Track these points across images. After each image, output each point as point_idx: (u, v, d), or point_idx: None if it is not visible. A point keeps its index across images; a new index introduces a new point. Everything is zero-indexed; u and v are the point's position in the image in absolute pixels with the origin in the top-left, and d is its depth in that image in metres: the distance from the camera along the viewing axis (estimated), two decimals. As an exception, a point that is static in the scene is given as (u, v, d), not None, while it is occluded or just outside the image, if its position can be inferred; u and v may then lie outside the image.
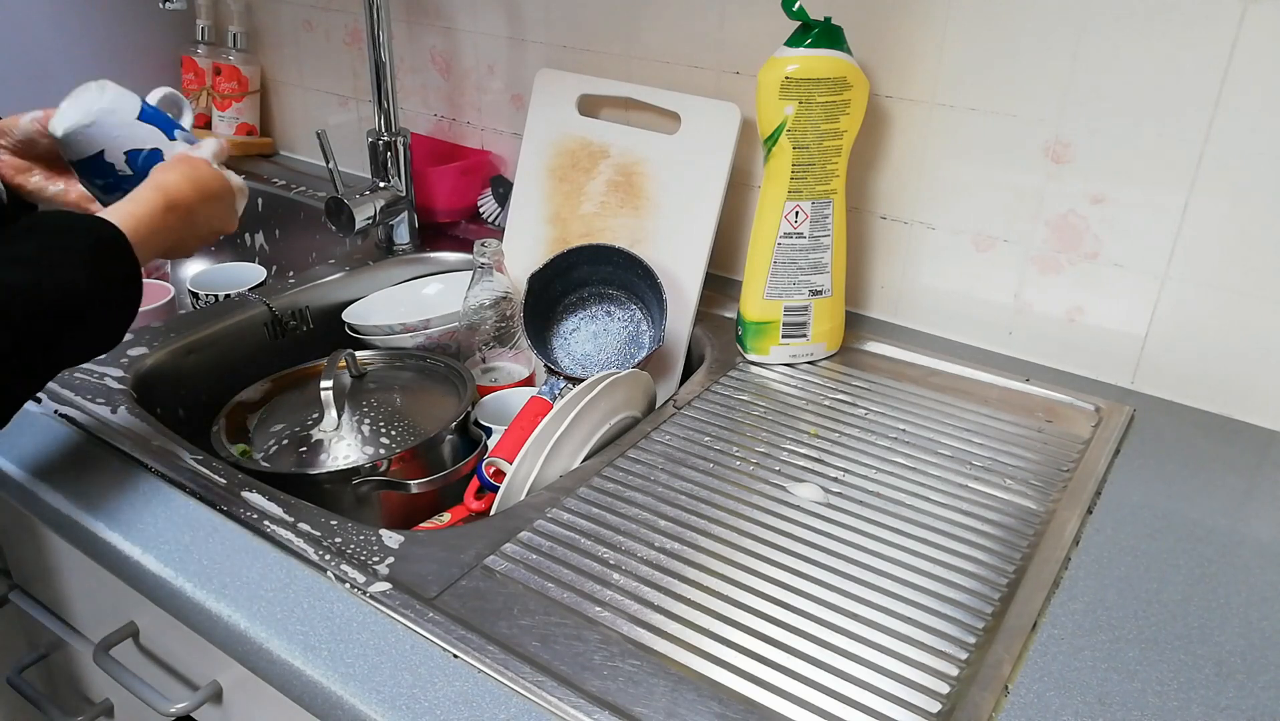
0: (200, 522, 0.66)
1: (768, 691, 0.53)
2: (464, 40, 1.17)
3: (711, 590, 0.61)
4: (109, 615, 0.77)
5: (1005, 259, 0.88)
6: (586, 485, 0.71)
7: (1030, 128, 0.82)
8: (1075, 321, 0.86)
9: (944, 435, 0.78)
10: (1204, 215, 0.78)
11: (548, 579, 0.61)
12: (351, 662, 0.55)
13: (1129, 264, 0.82)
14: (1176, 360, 0.83)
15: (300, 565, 0.62)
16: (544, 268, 0.92)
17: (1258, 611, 0.60)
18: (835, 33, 0.80)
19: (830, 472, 0.73)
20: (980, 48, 0.82)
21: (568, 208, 1.00)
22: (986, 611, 0.60)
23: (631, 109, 1.03)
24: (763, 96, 0.81)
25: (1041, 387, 0.85)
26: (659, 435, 0.77)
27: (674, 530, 0.66)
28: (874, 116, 0.89)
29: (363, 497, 0.78)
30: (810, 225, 0.84)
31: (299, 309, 1.02)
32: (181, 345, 0.91)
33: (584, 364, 0.93)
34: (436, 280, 1.09)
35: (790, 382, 0.86)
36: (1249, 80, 0.72)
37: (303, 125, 1.42)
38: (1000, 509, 0.70)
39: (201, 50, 1.39)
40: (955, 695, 0.54)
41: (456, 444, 0.84)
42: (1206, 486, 0.73)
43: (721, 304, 0.98)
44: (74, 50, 1.31)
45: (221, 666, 0.67)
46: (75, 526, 0.67)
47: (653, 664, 0.55)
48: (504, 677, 0.53)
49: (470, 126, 1.22)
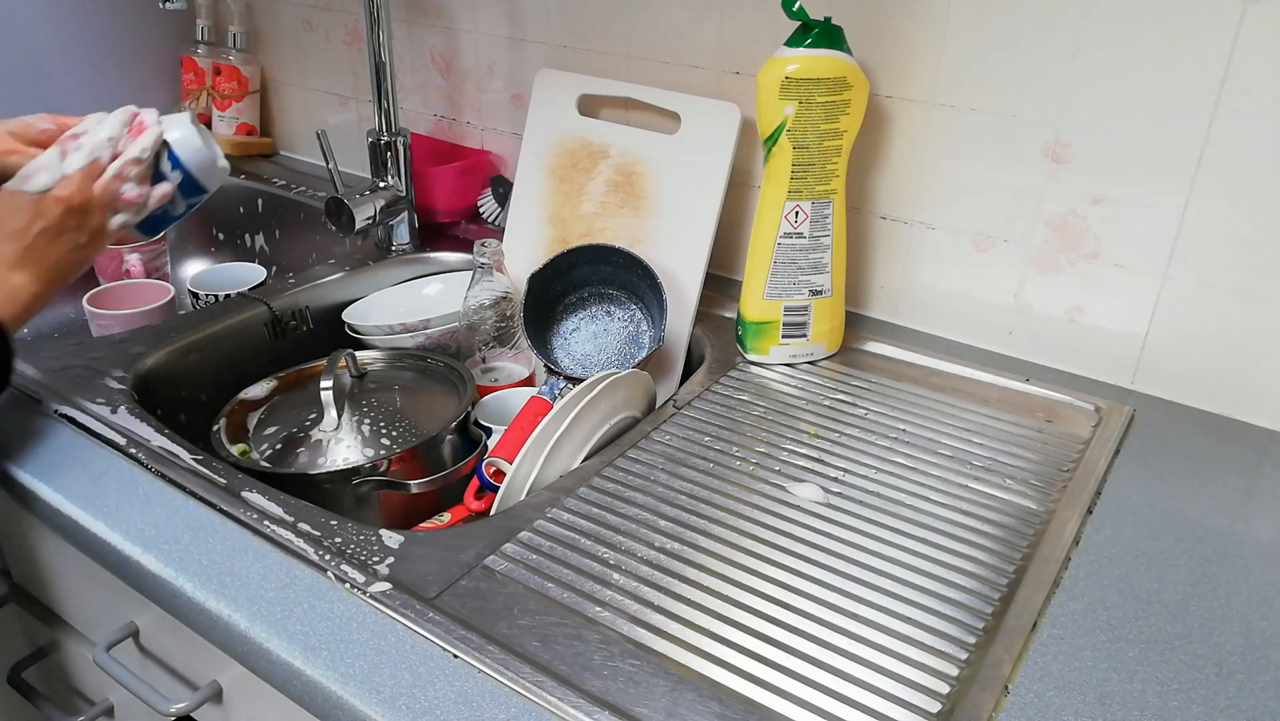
0: (200, 522, 0.66)
1: (768, 691, 0.53)
2: (464, 40, 1.17)
3: (711, 590, 0.61)
4: (109, 615, 0.77)
5: (1005, 259, 0.88)
6: (586, 485, 0.71)
7: (1030, 128, 0.82)
8: (1075, 321, 0.86)
9: (944, 435, 0.78)
10: (1204, 215, 0.78)
11: (548, 579, 0.61)
12: (351, 662, 0.55)
13: (1129, 264, 0.82)
14: (1176, 360, 0.83)
15: (300, 565, 0.62)
16: (544, 268, 0.92)
17: (1258, 611, 0.60)
18: (835, 33, 0.80)
19: (830, 472, 0.73)
20: (980, 47, 0.82)
21: (568, 208, 1.00)
22: (986, 611, 0.60)
23: (631, 109, 1.03)
24: (763, 96, 0.81)
25: (1041, 388, 0.85)
26: (659, 435, 0.77)
27: (674, 530, 0.66)
28: (874, 116, 0.89)
29: (363, 498, 0.78)
30: (810, 225, 0.84)
31: (299, 309, 1.02)
32: (181, 345, 0.91)
33: (584, 364, 0.93)
34: (437, 280, 1.09)
35: (790, 382, 0.86)
36: (1249, 80, 0.72)
37: (303, 125, 1.42)
38: (1000, 509, 0.70)
39: (201, 50, 1.39)
40: (955, 695, 0.54)
41: (456, 444, 0.84)
42: (1206, 486, 0.73)
43: (721, 304, 0.98)
44: (74, 50, 1.31)
45: (221, 666, 0.67)
46: (75, 526, 0.67)
47: (653, 664, 0.55)
48: (504, 677, 0.53)
49: (470, 126, 1.22)
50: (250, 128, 1.42)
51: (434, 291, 1.08)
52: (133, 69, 1.38)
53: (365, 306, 1.05)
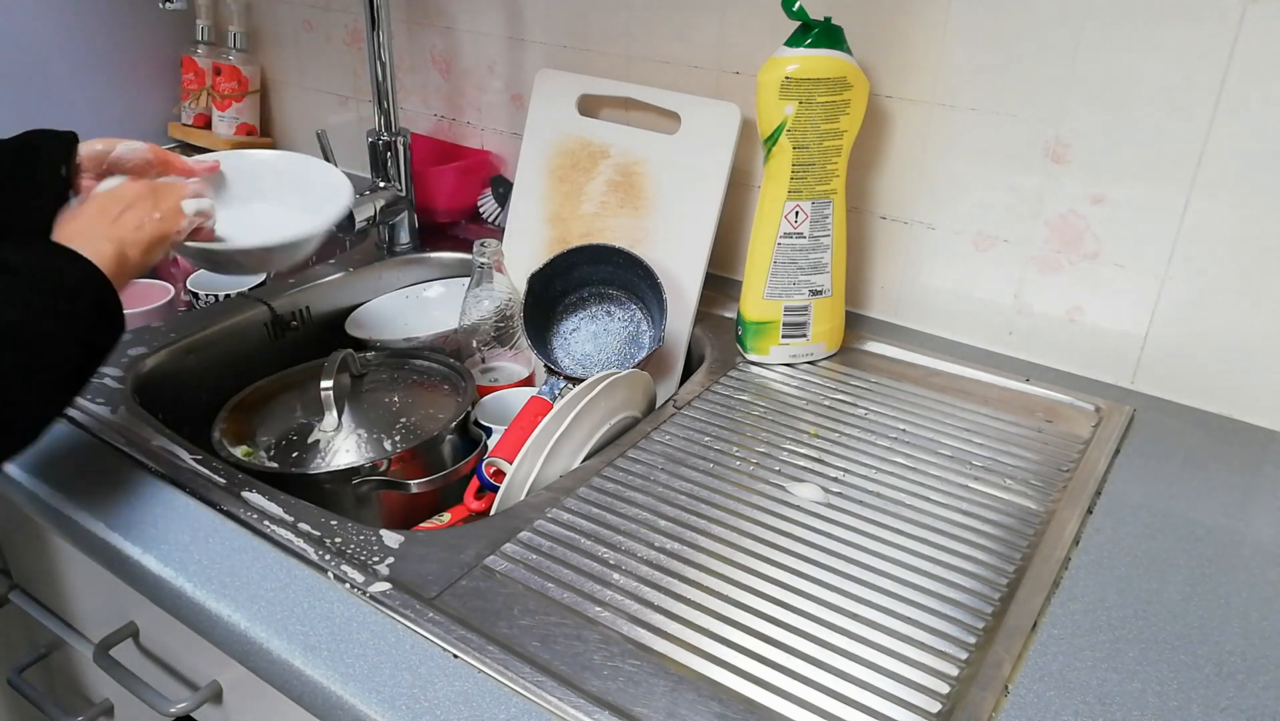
0: (200, 522, 0.66)
1: (768, 691, 0.53)
2: (464, 40, 1.17)
3: (711, 590, 0.61)
4: (109, 615, 0.77)
5: (1005, 259, 0.88)
6: (586, 485, 0.71)
7: (1030, 128, 0.82)
8: (1075, 321, 0.86)
9: (944, 435, 0.78)
10: (1204, 215, 0.78)
11: (548, 579, 0.61)
12: (351, 662, 0.55)
13: (1129, 264, 0.82)
14: (1176, 360, 0.83)
15: (300, 565, 0.62)
16: (544, 268, 0.92)
17: (1258, 611, 0.60)
18: (835, 33, 0.80)
19: (830, 472, 0.73)
20: (980, 47, 0.82)
21: (568, 208, 1.00)
22: (986, 611, 0.60)
23: (631, 109, 1.03)
24: (763, 96, 0.81)
25: (1041, 388, 0.85)
26: (659, 435, 0.77)
27: (674, 530, 0.66)
28: (874, 116, 0.89)
29: (363, 497, 0.78)
30: (810, 225, 0.84)
31: (299, 309, 1.02)
32: (181, 345, 0.91)
33: (584, 364, 0.93)
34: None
35: (790, 382, 0.86)
36: (1249, 80, 0.72)
37: (303, 125, 1.42)
38: (1000, 509, 0.69)
39: (201, 50, 1.39)
40: (955, 695, 0.54)
41: (456, 444, 0.84)
42: (1206, 486, 0.72)
43: (721, 304, 0.98)
44: (74, 50, 1.31)
45: (221, 666, 0.67)
46: (75, 526, 0.67)
47: (653, 664, 0.55)
48: (504, 677, 0.53)
49: (470, 126, 1.22)
50: (250, 128, 1.42)
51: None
52: (133, 69, 1.38)
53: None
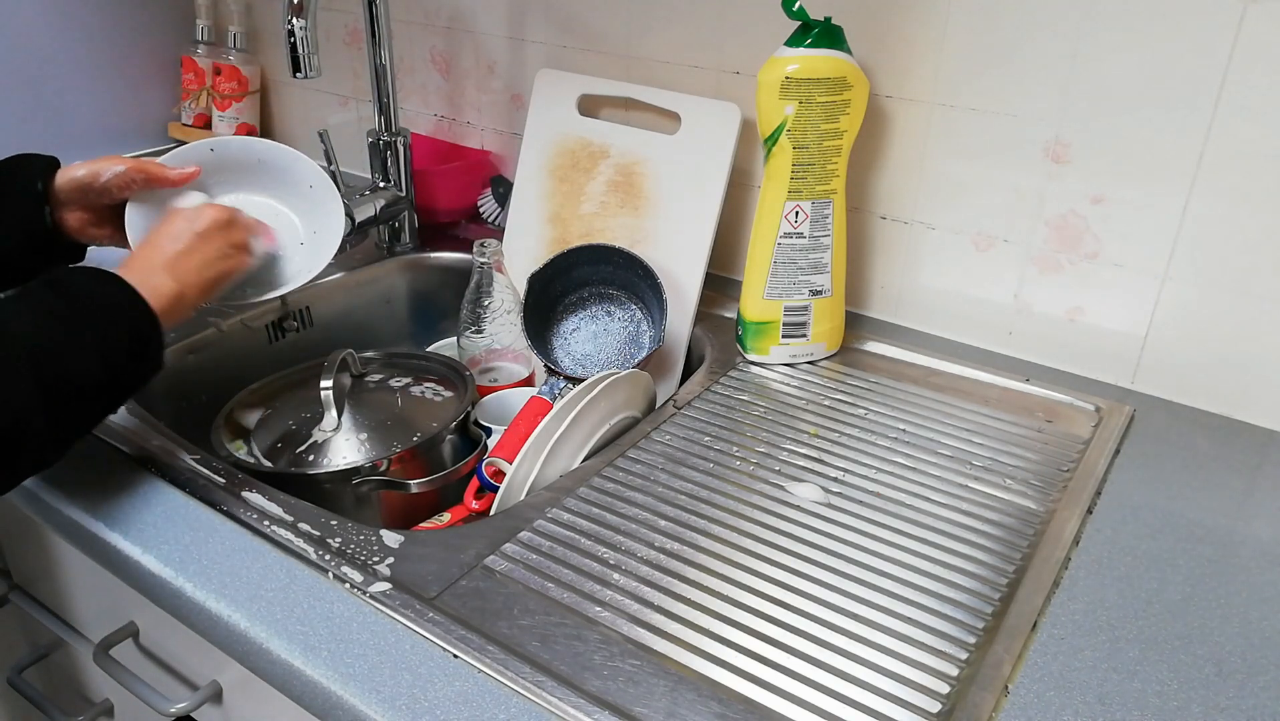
0: (200, 522, 0.66)
1: (768, 691, 0.53)
2: (464, 40, 1.17)
3: (711, 590, 0.61)
4: (109, 615, 0.77)
5: (1005, 259, 0.88)
6: (586, 485, 0.71)
7: (1030, 128, 0.82)
8: (1075, 321, 0.86)
9: (944, 435, 0.78)
10: (1204, 215, 0.78)
11: (548, 579, 0.61)
12: (351, 662, 0.55)
13: (1129, 264, 0.82)
14: (1176, 360, 0.83)
15: (300, 565, 0.62)
16: (544, 268, 0.92)
17: (1258, 611, 0.60)
18: (835, 32, 0.80)
19: (830, 472, 0.73)
20: (980, 47, 0.82)
21: (568, 208, 1.00)
22: (986, 611, 0.60)
23: (631, 109, 1.03)
24: (763, 96, 0.81)
25: (1041, 388, 0.85)
26: (659, 435, 0.77)
27: (674, 530, 0.66)
28: (874, 116, 0.89)
29: (363, 497, 0.78)
30: (810, 225, 0.84)
31: (299, 309, 1.02)
32: (181, 345, 0.91)
33: (584, 364, 0.93)
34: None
35: (790, 382, 0.86)
36: (1249, 80, 0.72)
37: (303, 125, 1.42)
38: (1000, 509, 0.70)
39: (201, 50, 1.39)
40: (955, 695, 0.54)
41: (456, 444, 0.84)
42: (1206, 486, 0.73)
43: (721, 304, 0.98)
44: (74, 50, 1.31)
45: (221, 666, 0.67)
46: (75, 526, 0.67)
47: (653, 664, 0.55)
48: (504, 677, 0.53)
49: (470, 126, 1.22)
50: (250, 128, 1.42)
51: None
52: (133, 69, 1.38)
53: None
